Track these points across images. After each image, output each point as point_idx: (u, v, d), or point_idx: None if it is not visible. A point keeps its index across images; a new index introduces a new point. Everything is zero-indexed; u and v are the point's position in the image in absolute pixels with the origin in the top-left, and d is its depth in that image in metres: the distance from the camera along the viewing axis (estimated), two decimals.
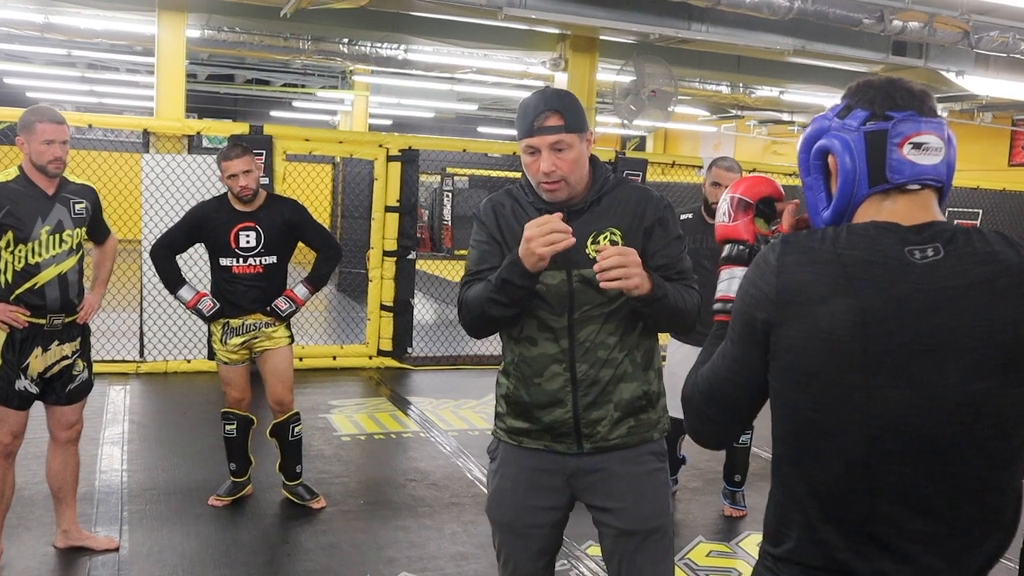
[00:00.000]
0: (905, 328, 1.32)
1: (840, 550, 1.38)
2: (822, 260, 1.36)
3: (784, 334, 1.37)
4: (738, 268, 1.60)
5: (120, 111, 17.55)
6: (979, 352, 1.32)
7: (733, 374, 1.47)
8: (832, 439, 1.37)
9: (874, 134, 1.39)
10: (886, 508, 1.36)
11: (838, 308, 1.33)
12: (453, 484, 5.08)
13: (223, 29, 9.84)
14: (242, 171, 4.25)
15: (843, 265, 1.35)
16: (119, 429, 5.81)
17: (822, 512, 1.40)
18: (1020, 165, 14.47)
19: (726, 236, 1.65)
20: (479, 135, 21.40)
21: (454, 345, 8.87)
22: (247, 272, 4.37)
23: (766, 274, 1.40)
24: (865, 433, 1.35)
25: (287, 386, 4.53)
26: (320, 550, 4.10)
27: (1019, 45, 8.13)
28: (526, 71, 11.77)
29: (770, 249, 1.42)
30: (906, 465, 1.35)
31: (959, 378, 1.32)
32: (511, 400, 2.38)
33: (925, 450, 1.34)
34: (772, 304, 1.38)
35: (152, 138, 7.44)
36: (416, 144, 8.24)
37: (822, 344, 1.34)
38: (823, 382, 1.36)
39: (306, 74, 15.74)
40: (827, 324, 1.34)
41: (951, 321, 1.32)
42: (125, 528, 4.21)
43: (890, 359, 1.32)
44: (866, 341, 1.32)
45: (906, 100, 1.41)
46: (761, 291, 1.40)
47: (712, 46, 9.27)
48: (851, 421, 1.35)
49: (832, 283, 1.34)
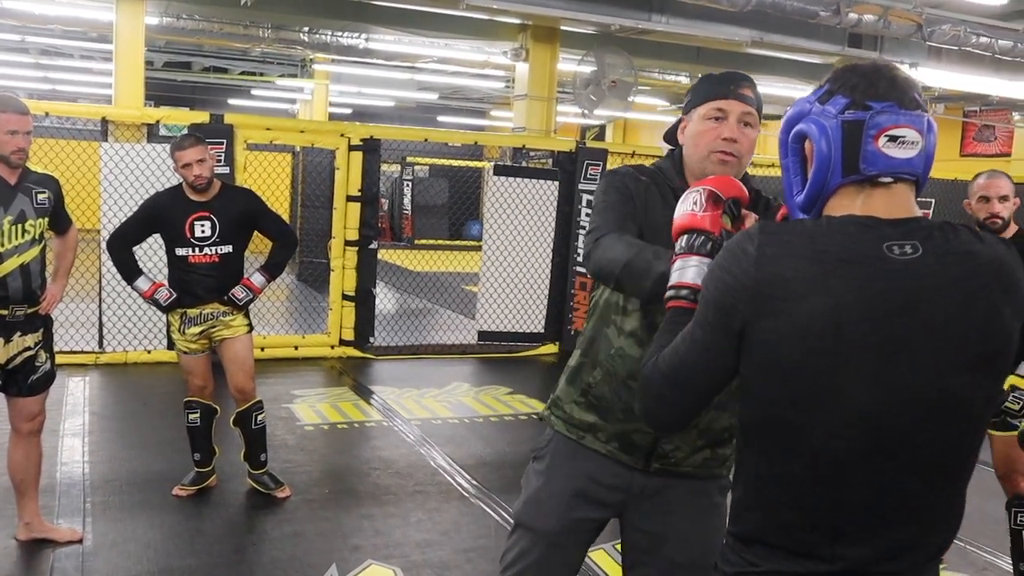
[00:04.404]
0: (880, 327, 1.33)
1: (804, 532, 1.42)
2: (800, 255, 1.36)
3: (760, 327, 1.37)
4: (695, 258, 1.58)
5: (75, 98, 17.25)
6: (953, 349, 1.34)
7: (703, 360, 1.45)
8: (802, 433, 1.38)
9: (851, 124, 1.39)
10: (853, 501, 1.39)
11: (814, 306, 1.33)
12: (417, 472, 5.12)
13: (182, 16, 9.75)
14: (195, 160, 4.26)
15: (821, 263, 1.35)
16: (79, 420, 5.76)
17: (788, 499, 1.42)
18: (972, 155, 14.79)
19: (691, 226, 1.61)
20: (439, 124, 21.37)
21: (416, 334, 8.89)
22: (203, 261, 4.37)
23: (744, 264, 1.38)
24: (836, 429, 1.36)
25: (248, 374, 4.54)
26: (285, 539, 4.12)
27: (970, 38, 8.32)
28: (487, 61, 11.80)
29: (747, 239, 1.40)
30: (876, 461, 1.37)
31: (933, 375, 1.34)
32: (592, 392, 2.17)
33: (896, 447, 1.37)
34: (750, 295, 1.37)
35: (111, 126, 7.36)
36: (378, 134, 8.22)
37: (797, 340, 1.35)
38: (796, 377, 1.36)
39: (265, 62, 15.62)
40: (803, 321, 1.34)
41: (927, 318, 1.34)
42: (88, 520, 4.19)
43: (864, 357, 1.34)
44: (840, 340, 1.33)
45: (887, 90, 1.40)
46: (739, 280, 1.38)
47: (672, 37, 9.37)
48: (822, 417, 1.36)
49: (810, 280, 1.34)
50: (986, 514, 4.48)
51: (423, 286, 10.74)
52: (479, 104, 20.56)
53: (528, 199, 8.43)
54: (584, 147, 8.82)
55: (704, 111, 2.05)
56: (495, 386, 7.36)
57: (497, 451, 5.66)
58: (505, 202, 8.39)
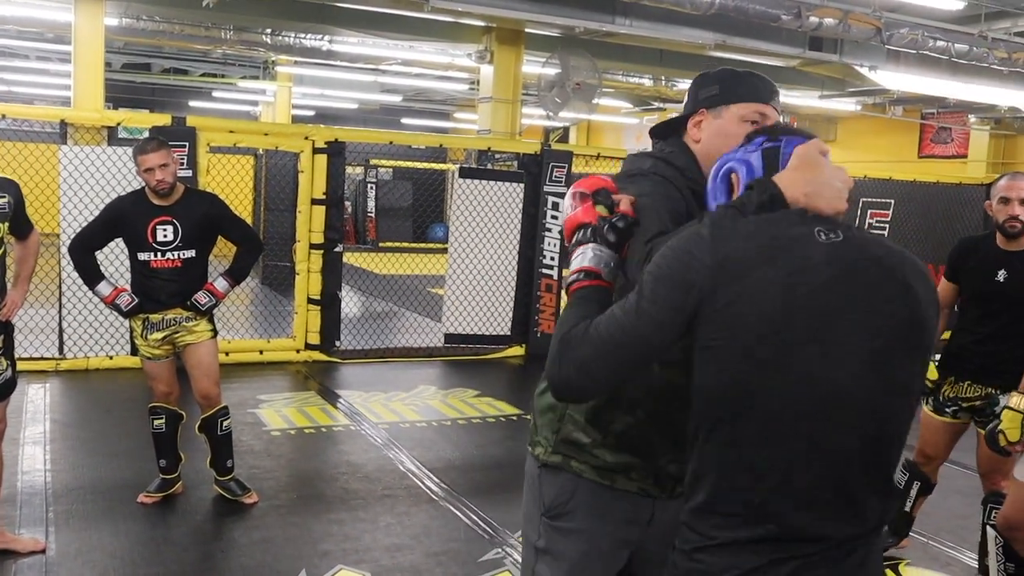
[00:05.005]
0: (820, 294, 1.51)
1: (758, 494, 1.51)
2: (748, 237, 1.54)
3: (718, 299, 1.50)
4: (589, 246, 1.78)
5: (31, 100, 16.97)
6: (881, 315, 1.53)
7: (649, 333, 1.56)
8: (756, 396, 1.50)
9: (769, 150, 1.68)
10: (802, 460, 1.50)
11: (765, 275, 1.50)
12: (385, 476, 5.10)
13: (142, 18, 9.63)
14: (158, 165, 4.20)
15: (767, 242, 1.53)
16: (40, 428, 5.66)
17: (741, 462, 1.52)
18: (929, 157, 15.02)
19: (576, 222, 1.83)
20: (403, 126, 21.30)
21: (382, 338, 8.85)
22: (165, 266, 4.32)
23: (701, 245, 1.54)
24: (787, 390, 1.50)
25: (212, 380, 4.49)
26: (254, 545, 4.08)
27: (928, 42, 8.46)
28: (451, 63, 11.78)
29: (700, 227, 1.57)
30: (820, 419, 1.50)
31: (867, 336, 1.51)
32: (627, 437, 1.97)
33: (838, 405, 1.50)
34: (709, 271, 1.51)
35: (70, 129, 7.25)
36: (343, 136, 8.18)
37: (752, 308, 1.49)
38: (753, 342, 1.50)
39: (226, 64, 15.47)
40: (757, 290, 1.50)
41: (859, 287, 1.53)
42: (51, 529, 4.12)
43: (810, 322, 1.50)
44: (790, 306, 1.49)
45: (790, 131, 1.72)
46: (697, 259, 1.53)
47: (636, 40, 9.42)
48: (775, 382, 1.50)
49: (757, 255, 1.52)
50: (948, 510, 4.56)
51: (388, 289, 10.71)
52: (443, 106, 20.52)
53: (493, 201, 8.44)
54: (549, 149, 8.85)
55: (744, 112, 1.98)
56: (462, 389, 7.35)
57: (465, 454, 5.65)
58: (471, 204, 8.39)
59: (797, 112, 16.04)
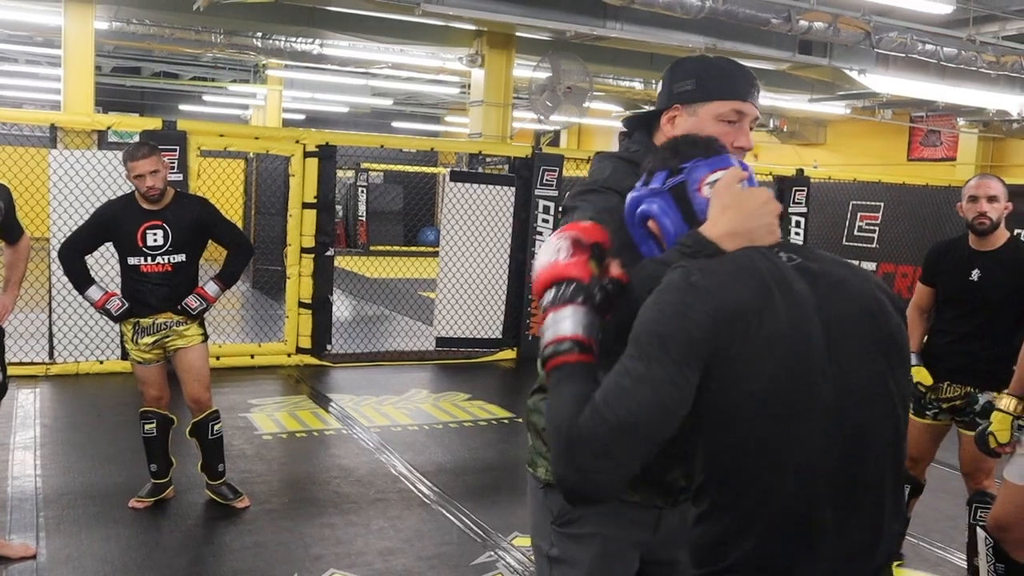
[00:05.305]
0: (816, 326, 1.42)
1: (781, 555, 1.42)
2: (737, 276, 1.43)
3: (728, 353, 1.38)
4: (569, 308, 1.48)
5: (19, 104, 16.92)
6: (865, 337, 1.45)
7: (670, 399, 1.37)
8: (780, 448, 1.40)
9: (676, 188, 1.57)
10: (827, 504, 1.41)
11: (772, 316, 1.39)
12: (377, 480, 5.09)
13: (132, 21, 9.61)
14: (149, 171, 4.19)
15: (753, 279, 1.42)
16: (30, 433, 5.64)
17: (768, 520, 1.41)
18: (918, 160, 15.09)
19: (559, 276, 1.52)
20: (393, 130, 21.31)
21: (374, 341, 8.84)
22: (155, 271, 4.31)
23: (698, 295, 1.40)
24: (813, 435, 1.40)
25: (203, 384, 4.48)
26: (246, 550, 4.07)
27: (916, 46, 8.51)
28: (442, 66, 11.80)
29: (686, 273, 1.42)
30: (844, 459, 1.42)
31: (863, 361, 1.44)
32: None
33: (854, 435, 1.43)
34: (712, 321, 1.38)
35: (60, 133, 7.23)
36: (334, 140, 8.17)
37: (766, 353, 1.38)
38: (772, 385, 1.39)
39: (217, 67, 15.46)
40: (766, 336, 1.38)
41: (841, 309, 1.45)
42: (42, 535, 4.10)
43: (818, 351, 1.41)
44: (806, 343, 1.40)
45: (689, 150, 1.60)
46: (698, 311, 1.38)
47: (626, 43, 9.45)
48: (799, 425, 1.40)
49: (755, 295, 1.40)
50: (938, 511, 4.58)
51: (379, 293, 10.69)
52: (434, 110, 20.53)
53: (485, 205, 8.44)
54: (540, 153, 8.86)
55: (719, 110, 1.83)
56: (454, 392, 7.35)
57: (457, 457, 5.65)
58: (462, 208, 8.40)
59: (787, 115, 16.10)
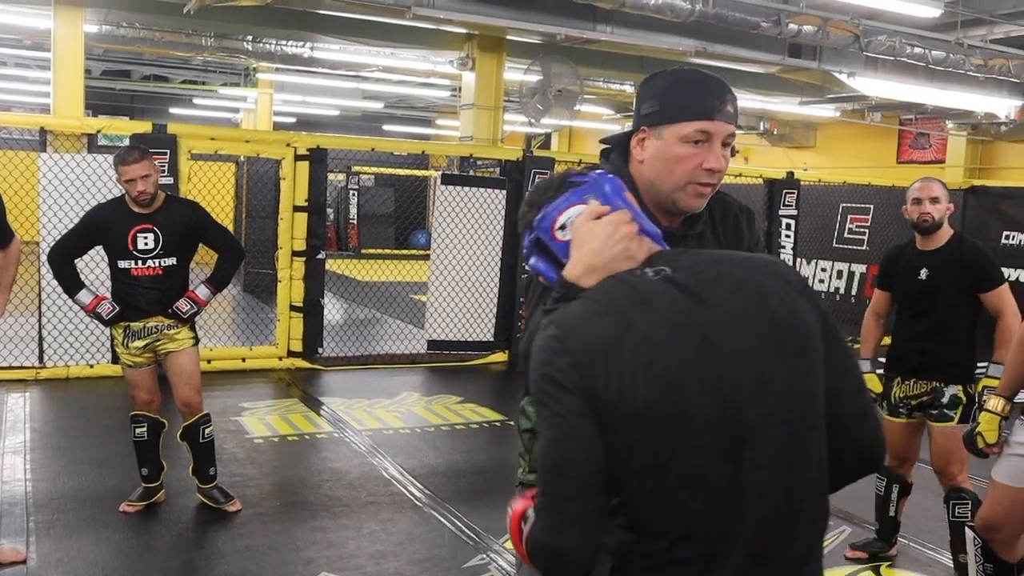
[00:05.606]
0: (690, 335, 1.40)
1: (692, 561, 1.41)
2: (591, 313, 1.43)
3: (596, 385, 1.38)
4: None
5: (8, 107, 16.85)
6: (752, 330, 1.42)
7: (574, 428, 1.39)
8: (669, 455, 1.38)
9: (538, 243, 1.61)
10: (723, 509, 1.39)
11: (628, 340, 1.39)
12: (369, 483, 5.09)
13: (122, 24, 9.58)
14: (140, 176, 4.19)
15: (610, 308, 1.42)
16: (20, 438, 5.62)
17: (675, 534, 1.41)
18: (908, 162, 15.14)
19: None
20: (385, 133, 21.28)
21: (365, 345, 8.84)
22: (146, 274, 4.31)
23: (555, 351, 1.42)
24: (695, 442, 1.38)
25: (194, 387, 4.48)
26: (237, 553, 4.06)
27: (905, 49, 8.54)
28: (433, 70, 11.79)
29: (545, 328, 1.46)
30: (734, 462, 1.39)
31: (753, 356, 1.41)
32: None
33: (743, 437, 1.39)
34: (573, 368, 1.39)
35: (50, 136, 7.21)
36: (324, 143, 8.18)
37: (631, 373, 1.38)
38: (648, 404, 1.38)
39: (207, 71, 15.42)
40: (628, 356, 1.38)
41: (721, 308, 1.42)
42: (32, 539, 4.09)
43: (693, 359, 1.39)
44: (668, 359, 1.39)
45: (539, 198, 1.62)
46: (559, 364, 1.41)
47: (616, 47, 9.45)
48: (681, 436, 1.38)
49: (613, 324, 1.40)
50: (928, 512, 4.60)
51: (371, 296, 10.69)
52: (425, 113, 20.52)
53: (476, 208, 8.45)
54: (531, 156, 8.87)
55: (683, 131, 1.72)
56: (445, 395, 7.35)
57: (449, 460, 5.65)
58: (453, 211, 8.40)
59: (777, 118, 16.16)
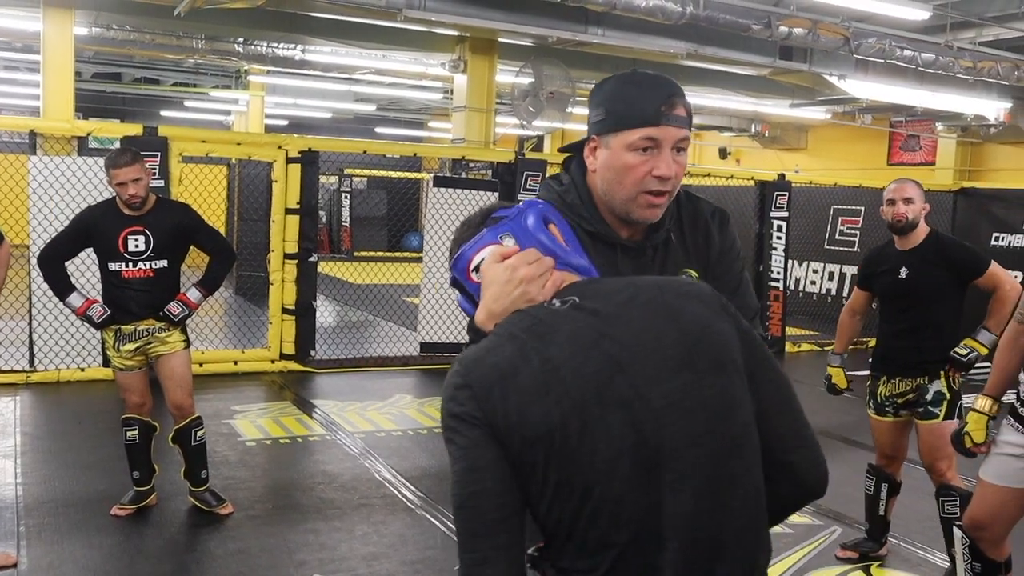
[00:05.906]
0: (593, 361, 1.37)
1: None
2: (494, 347, 1.42)
3: (496, 414, 1.37)
4: None
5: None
6: (663, 351, 1.39)
7: (477, 459, 1.39)
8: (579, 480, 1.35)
9: (459, 290, 1.60)
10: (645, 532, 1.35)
11: (527, 369, 1.37)
12: (361, 486, 5.09)
13: (112, 27, 9.56)
14: (131, 179, 4.18)
15: (511, 338, 1.41)
16: (10, 442, 5.60)
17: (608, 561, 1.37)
18: (898, 164, 15.20)
19: None
20: (377, 135, 21.26)
21: (357, 347, 8.83)
22: (137, 276, 4.30)
23: (458, 388, 1.41)
24: (602, 465, 1.35)
25: (186, 390, 4.47)
26: (229, 556, 4.05)
27: (895, 51, 8.57)
28: (425, 72, 11.80)
29: (450, 375, 1.45)
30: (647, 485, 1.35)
31: (665, 375, 1.38)
32: None
33: (658, 459, 1.36)
34: (473, 402, 1.38)
35: (40, 139, 7.19)
36: (316, 146, 8.17)
37: (531, 400, 1.36)
38: (551, 431, 1.35)
39: (198, 73, 15.39)
40: (527, 384, 1.36)
41: (631, 331, 1.39)
42: (23, 543, 4.08)
43: (596, 383, 1.36)
44: (569, 383, 1.36)
45: (462, 234, 1.59)
46: (460, 399, 1.41)
47: (608, 49, 9.46)
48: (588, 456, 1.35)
49: (505, 358, 1.39)
50: (918, 512, 4.62)
51: (363, 298, 10.68)
52: (417, 115, 20.52)
53: (468, 210, 8.43)
54: (523, 158, 8.88)
55: (629, 139, 1.67)
56: (438, 397, 7.29)
57: (442, 462, 5.64)
58: (445, 213, 8.41)
59: (768, 120, 16.20)
